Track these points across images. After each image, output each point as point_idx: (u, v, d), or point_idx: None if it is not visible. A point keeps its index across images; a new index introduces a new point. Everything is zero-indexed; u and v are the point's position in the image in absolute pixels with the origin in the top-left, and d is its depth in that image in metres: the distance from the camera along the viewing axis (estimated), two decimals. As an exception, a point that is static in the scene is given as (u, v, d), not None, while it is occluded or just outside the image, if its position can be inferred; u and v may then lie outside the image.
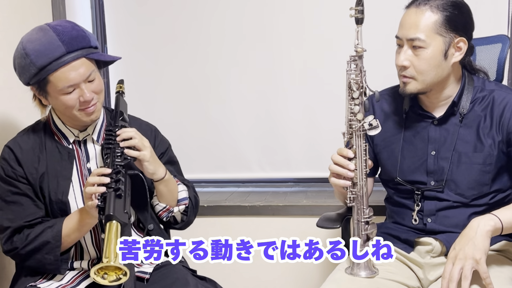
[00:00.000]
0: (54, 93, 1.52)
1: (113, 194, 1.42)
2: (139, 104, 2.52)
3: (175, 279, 1.56)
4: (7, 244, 1.57)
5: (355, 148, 1.51)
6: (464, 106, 1.59)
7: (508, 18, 2.25)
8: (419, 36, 1.50)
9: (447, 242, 1.58)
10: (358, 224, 1.51)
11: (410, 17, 1.52)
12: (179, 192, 1.69)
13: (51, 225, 1.55)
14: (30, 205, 1.58)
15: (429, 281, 1.60)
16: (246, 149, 2.57)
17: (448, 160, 1.60)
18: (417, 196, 1.63)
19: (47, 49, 1.46)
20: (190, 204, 1.71)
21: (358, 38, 1.49)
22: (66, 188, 1.59)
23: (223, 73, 2.53)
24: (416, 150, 1.65)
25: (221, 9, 2.49)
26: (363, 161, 1.51)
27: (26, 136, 1.63)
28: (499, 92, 1.60)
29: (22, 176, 1.58)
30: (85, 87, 1.51)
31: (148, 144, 1.57)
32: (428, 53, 1.51)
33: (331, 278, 1.58)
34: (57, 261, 1.54)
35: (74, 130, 1.62)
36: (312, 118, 2.48)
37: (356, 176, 1.51)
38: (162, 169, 1.61)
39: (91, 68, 1.53)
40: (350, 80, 1.51)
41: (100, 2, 2.58)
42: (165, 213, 1.68)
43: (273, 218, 2.39)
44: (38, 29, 1.52)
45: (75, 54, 1.49)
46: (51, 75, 1.48)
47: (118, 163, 1.50)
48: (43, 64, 1.47)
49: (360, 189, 1.51)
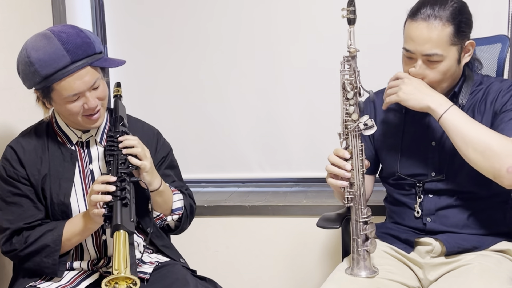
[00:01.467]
0: (58, 100, 1.51)
1: (119, 203, 1.43)
2: (139, 104, 2.52)
3: (175, 279, 1.56)
4: (6, 246, 1.56)
5: (351, 148, 1.51)
6: (463, 98, 1.61)
7: (508, 18, 2.25)
8: (436, 51, 1.50)
9: (447, 242, 1.58)
10: (357, 224, 1.51)
11: (422, 32, 1.50)
12: (174, 202, 1.69)
13: (52, 228, 1.54)
14: (30, 206, 1.57)
15: (429, 281, 1.60)
16: (246, 149, 2.57)
17: (449, 151, 1.60)
18: (418, 189, 1.64)
19: (51, 59, 1.45)
20: (184, 213, 1.71)
21: (351, 38, 1.49)
22: (68, 190, 1.59)
23: (223, 73, 2.53)
24: (416, 142, 1.66)
25: (221, 9, 2.49)
26: (359, 161, 1.51)
27: (29, 137, 1.62)
28: (496, 83, 1.62)
29: (24, 177, 1.57)
30: (89, 94, 1.51)
31: (149, 155, 1.57)
32: (444, 66, 1.52)
33: (331, 278, 1.58)
34: (55, 265, 1.54)
35: (77, 131, 1.61)
36: (312, 118, 2.48)
37: (353, 177, 1.51)
38: (158, 180, 1.61)
39: (96, 76, 1.52)
40: (344, 81, 1.52)
41: (100, 2, 2.58)
42: (159, 221, 1.69)
43: (273, 218, 2.39)
44: (43, 36, 1.49)
45: (80, 63, 1.47)
46: (56, 84, 1.47)
47: (122, 170, 1.50)
48: (48, 73, 1.45)
49: (358, 189, 1.51)
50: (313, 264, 2.39)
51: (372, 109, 1.75)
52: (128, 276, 1.32)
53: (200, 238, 2.42)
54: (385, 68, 1.72)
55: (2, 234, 1.57)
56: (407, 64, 1.57)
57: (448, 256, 1.59)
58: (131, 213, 1.43)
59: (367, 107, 1.76)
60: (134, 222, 1.43)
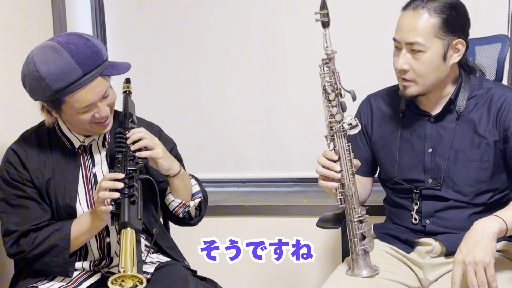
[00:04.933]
0: (69, 112, 1.49)
1: (127, 200, 1.42)
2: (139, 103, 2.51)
3: (176, 279, 1.56)
4: (13, 248, 1.54)
5: (338, 149, 1.51)
6: (460, 104, 1.60)
7: (508, 18, 2.25)
8: (418, 40, 1.50)
9: (447, 242, 1.59)
10: (352, 224, 1.52)
11: (408, 20, 1.52)
12: (193, 186, 1.69)
13: (59, 228, 1.53)
14: (37, 208, 1.56)
15: (429, 281, 1.61)
16: (246, 149, 2.57)
17: (445, 157, 1.60)
18: (415, 195, 1.64)
19: (63, 73, 1.41)
20: (203, 198, 1.71)
21: (327, 41, 1.50)
22: (73, 193, 1.58)
23: (223, 73, 2.53)
24: (413, 148, 1.65)
25: (219, 8, 2.49)
26: (347, 161, 1.51)
27: (30, 140, 1.60)
28: (497, 90, 1.60)
29: (28, 180, 1.56)
30: (101, 104, 1.49)
31: (158, 142, 1.56)
32: (427, 57, 1.51)
33: (331, 279, 1.58)
34: (65, 264, 1.53)
35: (80, 136, 1.60)
36: (312, 118, 2.48)
37: (343, 177, 1.51)
38: (177, 164, 1.61)
39: (106, 85, 1.49)
40: (324, 83, 1.52)
41: (100, 2, 2.58)
42: (182, 209, 1.67)
43: (273, 218, 2.39)
44: (51, 49, 1.43)
45: (91, 74, 1.44)
46: (67, 97, 1.44)
47: (130, 167, 1.49)
48: (60, 87, 1.42)
49: (349, 189, 1.51)
50: (313, 264, 2.38)
51: (369, 112, 1.75)
52: (134, 275, 1.32)
53: (200, 238, 2.42)
54: (380, 67, 1.73)
55: (9, 237, 1.55)
56: (396, 55, 1.57)
57: (448, 256, 1.60)
58: (138, 210, 1.42)
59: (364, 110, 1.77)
60: (141, 220, 1.42)
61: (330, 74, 1.51)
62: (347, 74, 1.66)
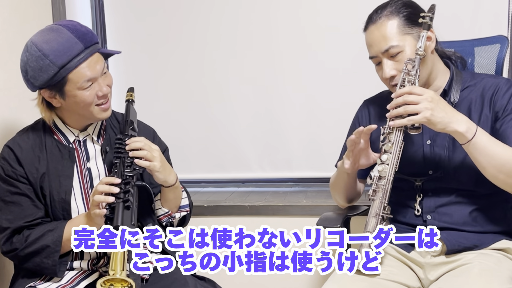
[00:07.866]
0: (72, 91, 1.52)
1: (121, 205, 1.44)
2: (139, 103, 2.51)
3: (174, 279, 1.57)
4: (7, 245, 1.56)
5: (392, 143, 1.53)
6: (454, 95, 1.62)
7: (508, 19, 2.25)
8: (392, 44, 1.56)
9: (447, 241, 1.58)
10: (376, 217, 1.52)
11: (374, 34, 1.58)
12: (182, 198, 1.71)
13: (52, 229, 1.54)
14: (30, 205, 1.57)
15: (430, 281, 1.60)
16: (246, 149, 2.57)
17: (444, 147, 1.62)
18: (417, 188, 1.65)
19: (66, 47, 1.48)
20: (189, 212, 1.73)
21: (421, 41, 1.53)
22: (68, 187, 1.60)
23: (223, 72, 2.53)
24: (412, 142, 1.66)
25: (220, 8, 2.49)
26: (396, 157, 1.53)
27: (26, 136, 1.63)
28: (489, 79, 1.64)
29: (22, 175, 1.58)
30: (101, 80, 1.55)
31: (157, 154, 1.58)
32: (407, 54, 1.56)
33: (332, 278, 1.58)
34: (54, 266, 1.54)
35: (75, 130, 1.62)
36: (312, 118, 2.48)
37: (385, 170, 1.52)
38: (173, 176, 1.63)
39: (103, 62, 1.56)
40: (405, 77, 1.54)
41: (100, 2, 2.58)
42: (166, 218, 1.69)
43: (273, 218, 2.39)
44: (49, 30, 1.52)
45: (91, 49, 1.52)
46: (70, 73, 1.50)
47: (127, 173, 1.52)
48: (64, 62, 1.48)
49: (386, 183, 1.52)
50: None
51: (366, 114, 1.78)
52: (124, 279, 1.33)
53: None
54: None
55: (2, 234, 1.57)
56: (379, 69, 1.62)
57: (448, 255, 1.60)
58: (132, 216, 1.44)
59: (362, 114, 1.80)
60: (135, 225, 1.43)
61: (413, 72, 1.54)
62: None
